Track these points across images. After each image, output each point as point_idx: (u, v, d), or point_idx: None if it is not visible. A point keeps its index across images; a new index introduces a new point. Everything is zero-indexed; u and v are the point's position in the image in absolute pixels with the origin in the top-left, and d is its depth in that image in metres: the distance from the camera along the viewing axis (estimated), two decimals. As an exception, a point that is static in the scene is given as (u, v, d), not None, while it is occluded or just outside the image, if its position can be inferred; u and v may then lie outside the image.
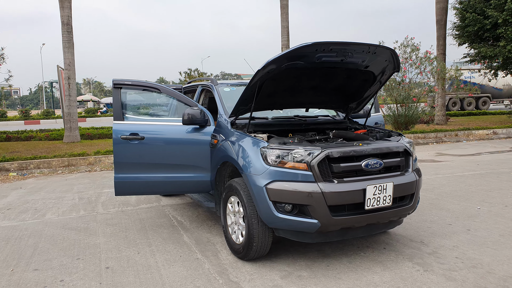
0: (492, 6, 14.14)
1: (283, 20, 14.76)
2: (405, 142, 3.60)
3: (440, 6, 16.62)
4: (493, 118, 19.01)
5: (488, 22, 14.34)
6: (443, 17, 16.66)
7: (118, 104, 4.18)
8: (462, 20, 15.49)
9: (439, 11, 16.69)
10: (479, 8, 14.63)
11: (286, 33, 14.79)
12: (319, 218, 3.08)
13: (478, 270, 3.26)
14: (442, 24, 16.64)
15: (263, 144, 3.32)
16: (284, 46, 14.85)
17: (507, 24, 13.84)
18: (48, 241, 4.31)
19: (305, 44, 3.20)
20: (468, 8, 15.11)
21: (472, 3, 14.93)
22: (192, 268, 3.50)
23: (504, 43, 14.01)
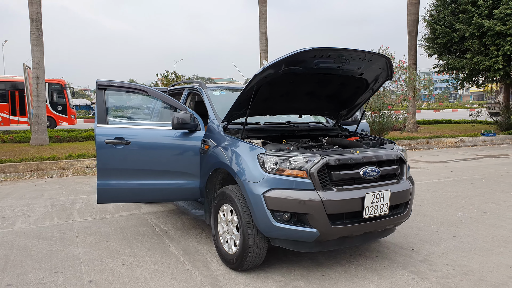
0: (460, 20, 14.72)
1: (262, 25, 14.76)
2: (399, 150, 3.60)
3: (412, 18, 17.15)
4: (458, 126, 19.73)
5: (456, 35, 14.91)
6: (414, 28, 17.20)
7: (102, 106, 3.97)
8: (432, 32, 16.04)
9: (410, 22, 17.21)
10: (448, 21, 15.20)
11: (265, 38, 14.80)
12: (318, 227, 3.01)
13: (470, 278, 3.29)
14: (414, 35, 17.18)
15: (260, 151, 3.22)
16: (262, 52, 14.85)
17: (473, 37, 14.44)
18: (21, 253, 4.02)
19: (305, 49, 3.15)
20: (438, 21, 15.67)
21: (442, 16, 15.49)
22: (183, 280, 3.34)
23: (471, 56, 14.60)
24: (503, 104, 17.66)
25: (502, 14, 13.42)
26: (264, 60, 14.94)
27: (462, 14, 14.65)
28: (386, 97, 12.86)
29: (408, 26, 17.52)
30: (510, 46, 13.49)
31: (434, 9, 16.50)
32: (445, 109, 49.30)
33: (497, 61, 13.87)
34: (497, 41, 13.82)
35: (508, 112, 17.27)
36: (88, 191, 6.99)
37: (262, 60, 14.94)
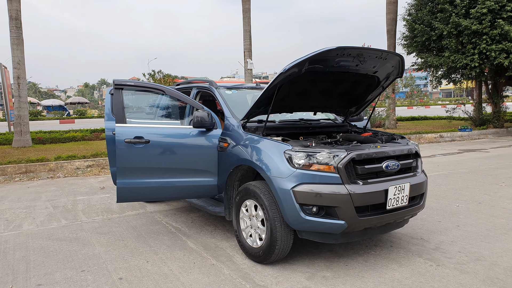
0: (438, 19, 15.24)
1: (245, 24, 14.84)
2: (414, 144, 3.80)
3: (390, 17, 17.63)
4: (435, 122, 20.45)
5: (434, 34, 15.44)
6: (393, 27, 17.68)
7: (119, 106, 3.99)
8: (411, 31, 16.54)
9: (389, 21, 17.69)
10: (427, 20, 15.71)
11: (249, 37, 14.88)
12: (346, 219, 3.16)
13: (483, 263, 3.52)
14: (392, 34, 17.66)
15: (287, 147, 3.34)
16: (246, 50, 14.92)
17: (451, 36, 14.98)
18: (39, 254, 3.99)
19: (329, 48, 3.29)
20: (416, 20, 16.16)
21: (420, 15, 15.99)
22: (212, 274, 3.42)
23: (448, 54, 15.14)
24: (476, 101, 18.43)
25: (478, 13, 13.98)
26: (248, 58, 15.03)
27: (440, 13, 15.18)
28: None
29: (387, 24, 17.99)
30: (485, 45, 14.08)
31: (412, 8, 17.00)
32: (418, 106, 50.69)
33: (473, 59, 14.45)
34: (474, 40, 14.39)
35: (480, 108, 18.05)
36: (85, 192, 6.92)
37: (247, 59, 15.04)
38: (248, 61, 14.61)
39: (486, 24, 13.94)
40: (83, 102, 45.21)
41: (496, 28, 13.89)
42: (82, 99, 46.98)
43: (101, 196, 6.54)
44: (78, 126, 22.76)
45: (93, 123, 26.66)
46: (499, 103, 17.06)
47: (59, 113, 39.99)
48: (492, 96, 17.12)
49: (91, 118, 33.36)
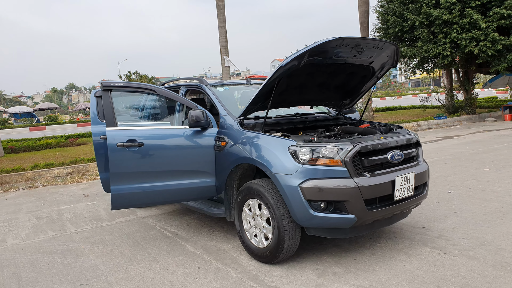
0: (410, 10, 15.52)
1: (220, 21, 14.64)
2: (413, 134, 3.78)
3: (363, 9, 17.80)
4: (410, 112, 20.88)
5: (407, 25, 15.71)
6: (365, 19, 17.86)
7: (109, 108, 3.79)
8: (384, 23, 16.77)
9: (362, 13, 17.86)
10: (399, 11, 15.96)
11: (224, 34, 14.69)
12: (356, 213, 3.10)
13: (488, 247, 3.55)
14: (365, 26, 17.84)
15: (290, 143, 3.25)
16: (222, 47, 14.74)
17: (422, 26, 15.28)
18: (30, 269, 3.76)
19: (329, 39, 3.21)
20: (388, 11, 16.40)
21: (392, 7, 16.23)
22: (220, 278, 3.30)
23: (421, 44, 15.44)
24: (448, 89, 18.91)
25: (448, 3, 14.31)
26: (225, 55, 14.86)
27: (411, 4, 15.45)
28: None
29: (359, 17, 18.17)
30: (456, 34, 14.42)
31: (384, 0, 17.23)
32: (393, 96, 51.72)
33: (445, 48, 14.78)
34: (445, 29, 14.73)
35: (452, 96, 18.53)
36: (69, 200, 6.63)
37: (223, 56, 14.86)
38: (225, 58, 14.44)
39: (456, 13, 14.27)
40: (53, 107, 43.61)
41: (465, 17, 14.24)
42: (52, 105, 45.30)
43: (86, 204, 6.27)
44: (50, 132, 22.01)
45: (66, 129, 25.88)
46: (470, 90, 17.54)
47: (28, 120, 38.54)
48: (463, 83, 17.60)
49: (63, 124, 32.29)
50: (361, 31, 17.97)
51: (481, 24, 13.96)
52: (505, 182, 5.83)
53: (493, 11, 14.04)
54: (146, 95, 4.42)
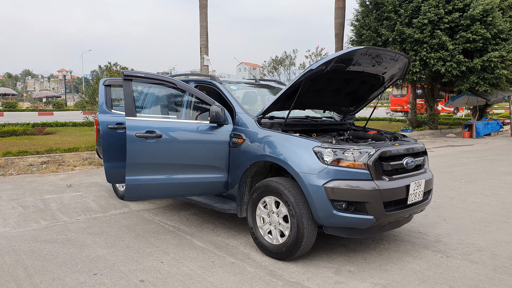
0: (384, 26, 16.19)
1: (202, 20, 14.58)
2: (421, 143, 4.02)
3: (339, 21, 18.41)
4: (376, 123, 21.70)
5: (381, 40, 16.37)
6: (341, 31, 18.47)
7: (129, 98, 3.74)
8: (359, 36, 17.36)
9: (337, 25, 18.46)
10: (373, 27, 16.61)
11: (205, 33, 14.64)
12: (375, 214, 3.26)
13: (485, 253, 3.83)
14: (340, 38, 18.45)
15: (316, 144, 3.36)
16: (203, 46, 14.67)
17: (395, 42, 15.99)
18: (34, 258, 3.62)
19: (357, 48, 3.37)
20: (364, 26, 17.02)
21: (367, 21, 16.86)
22: (238, 273, 3.35)
23: (393, 59, 16.14)
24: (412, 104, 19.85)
25: (420, 23, 15.07)
26: (205, 54, 14.81)
27: (386, 21, 16.13)
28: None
29: (335, 29, 18.76)
30: (426, 52, 15.22)
31: (359, 14, 17.86)
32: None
33: (415, 65, 15.55)
34: (415, 47, 15.49)
35: (415, 110, 19.50)
36: (52, 190, 6.38)
37: (203, 55, 14.80)
38: (204, 57, 14.39)
39: (426, 33, 15.07)
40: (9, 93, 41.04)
41: (435, 38, 15.07)
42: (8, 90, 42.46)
43: (72, 195, 6.07)
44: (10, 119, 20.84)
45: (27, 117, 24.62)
46: (434, 107, 18.54)
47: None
48: (428, 100, 18.55)
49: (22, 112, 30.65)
50: (335, 42, 18.55)
51: (449, 46, 14.82)
52: (482, 194, 6.26)
53: (459, 34, 14.94)
54: (160, 87, 4.37)
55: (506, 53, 14.66)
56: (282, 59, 14.19)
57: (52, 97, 48.05)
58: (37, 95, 47.77)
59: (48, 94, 49.13)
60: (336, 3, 18.18)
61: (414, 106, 19.64)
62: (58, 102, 42.47)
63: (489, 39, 14.77)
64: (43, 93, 48.92)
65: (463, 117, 26.42)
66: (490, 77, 15.14)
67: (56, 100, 45.72)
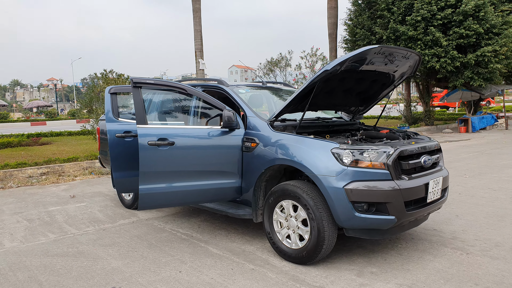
0: (378, 25, 16.26)
1: (196, 24, 14.51)
2: (436, 140, 4.00)
3: (332, 21, 18.44)
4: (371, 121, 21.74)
5: (374, 38, 16.43)
6: (334, 31, 18.51)
7: (140, 105, 3.67)
8: (352, 35, 17.42)
9: (331, 25, 18.49)
10: (367, 25, 16.67)
11: (200, 37, 14.57)
12: (396, 214, 3.22)
13: (504, 247, 3.81)
14: (334, 37, 18.48)
15: (334, 145, 3.32)
16: (198, 50, 14.59)
17: (389, 40, 16.04)
18: (47, 273, 3.53)
19: (372, 47, 3.34)
20: (357, 24, 17.07)
21: (361, 20, 16.92)
22: (259, 279, 3.29)
23: (387, 57, 16.21)
24: (407, 101, 19.94)
25: (413, 20, 15.15)
26: (200, 58, 14.74)
27: (379, 19, 16.20)
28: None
29: (328, 28, 18.78)
30: (420, 49, 15.29)
31: (352, 13, 17.92)
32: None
33: (410, 62, 15.63)
34: (410, 45, 15.56)
35: (410, 107, 19.58)
36: (55, 202, 6.27)
37: (198, 59, 14.73)
38: (200, 61, 14.32)
39: (420, 30, 15.15)
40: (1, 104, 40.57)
41: (428, 35, 15.15)
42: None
43: (76, 206, 5.96)
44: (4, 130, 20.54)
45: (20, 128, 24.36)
46: (430, 103, 18.63)
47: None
48: (423, 96, 18.65)
49: (14, 122, 30.29)
50: (329, 42, 18.57)
51: (442, 42, 14.91)
52: (488, 189, 6.26)
53: (453, 30, 15.04)
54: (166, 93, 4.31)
55: (499, 47, 14.78)
56: (277, 60, 14.15)
57: (43, 107, 47.63)
58: (28, 105, 47.31)
59: (39, 103, 48.69)
60: (328, 3, 18.22)
61: (409, 102, 19.73)
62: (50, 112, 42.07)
63: (482, 34, 14.88)
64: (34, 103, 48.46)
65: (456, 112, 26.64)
66: (484, 72, 15.26)
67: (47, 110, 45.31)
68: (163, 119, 4.43)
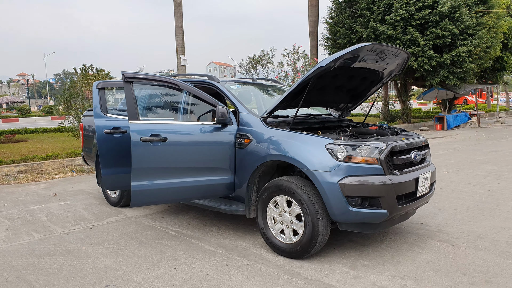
0: (358, 23, 16.51)
1: (177, 19, 14.35)
2: (423, 137, 4.11)
3: (313, 19, 18.61)
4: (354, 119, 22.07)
5: (355, 37, 16.69)
6: (315, 29, 18.69)
7: (131, 101, 3.62)
8: (333, 34, 17.62)
9: (311, 23, 18.65)
10: (348, 24, 16.90)
11: (181, 32, 14.42)
12: (388, 208, 3.30)
13: (486, 239, 3.96)
14: (315, 36, 18.66)
15: (328, 141, 3.37)
16: (179, 46, 14.45)
17: (369, 39, 16.32)
18: (36, 272, 3.45)
19: (365, 44, 3.40)
20: (338, 23, 17.28)
21: (342, 19, 17.14)
22: (255, 274, 3.31)
23: (367, 55, 16.49)
24: (384, 99, 20.34)
25: (392, 20, 15.47)
26: (181, 54, 14.60)
27: (360, 18, 16.46)
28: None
29: (309, 26, 18.95)
30: (398, 49, 15.63)
31: (333, 12, 18.12)
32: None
33: (388, 61, 15.95)
34: (389, 43, 15.87)
35: (388, 105, 19.99)
36: (36, 200, 6.10)
37: (179, 55, 14.59)
38: (181, 57, 14.19)
39: (399, 30, 15.48)
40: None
41: (407, 34, 15.50)
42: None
43: (60, 204, 5.83)
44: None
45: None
46: (407, 101, 19.07)
47: None
48: (401, 94, 19.07)
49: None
50: (310, 40, 18.74)
51: (420, 42, 15.27)
52: (467, 183, 6.48)
53: (430, 30, 15.44)
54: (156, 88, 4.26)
55: (473, 47, 15.26)
56: (259, 57, 14.17)
57: (14, 103, 46.13)
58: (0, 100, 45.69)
59: (10, 99, 47.11)
60: (309, 1, 18.37)
61: (387, 100, 20.13)
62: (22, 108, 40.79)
63: (457, 34, 15.34)
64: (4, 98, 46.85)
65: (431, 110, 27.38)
66: (459, 71, 15.74)
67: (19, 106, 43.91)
68: (154, 114, 4.38)
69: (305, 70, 14.76)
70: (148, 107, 4.40)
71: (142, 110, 4.26)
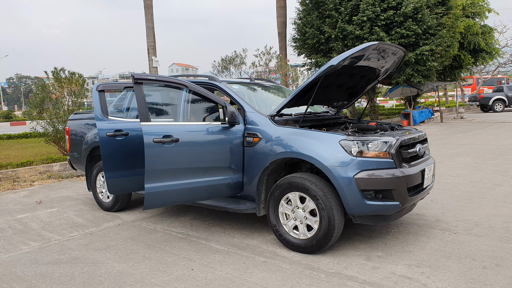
0: (327, 24, 16.87)
1: (148, 20, 14.08)
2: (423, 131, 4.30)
3: (281, 20, 18.82)
4: (319, 118, 22.55)
5: (323, 37, 17.04)
6: (283, 30, 18.90)
7: (142, 102, 3.56)
8: (301, 34, 17.89)
9: (280, 24, 18.86)
10: (316, 24, 17.23)
11: (152, 34, 14.15)
12: (400, 200, 3.44)
13: (483, 226, 4.20)
14: (283, 36, 18.88)
15: (341, 137, 3.47)
16: (150, 48, 14.17)
17: (337, 39, 16.74)
18: (48, 282, 3.32)
19: (373, 43, 3.53)
20: (307, 24, 17.58)
21: (310, 19, 17.45)
22: (275, 270, 3.35)
23: (336, 55, 16.87)
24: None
25: (359, 20, 15.94)
26: (153, 56, 14.35)
27: (328, 19, 16.82)
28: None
29: (278, 27, 19.14)
30: (366, 48, 16.14)
31: (301, 13, 18.41)
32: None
33: (357, 60, 16.42)
34: (357, 43, 16.33)
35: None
36: (20, 209, 5.83)
37: (151, 56, 14.34)
38: (153, 59, 13.95)
39: (366, 30, 15.97)
40: None
41: (373, 34, 16.01)
42: None
43: (48, 212, 5.60)
44: None
45: None
46: (374, 99, 19.70)
47: None
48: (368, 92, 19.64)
49: None
50: (279, 40, 18.94)
51: (386, 41, 15.83)
52: (448, 175, 6.82)
53: (395, 30, 16.04)
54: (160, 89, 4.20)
55: (435, 46, 16.01)
56: (232, 58, 14.18)
57: (-35, 109, 43.44)
58: None
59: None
60: (277, 2, 18.56)
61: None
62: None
63: (420, 34, 16.02)
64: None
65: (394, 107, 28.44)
66: (422, 69, 16.44)
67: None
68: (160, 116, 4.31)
69: (276, 71, 14.96)
70: (155, 108, 4.32)
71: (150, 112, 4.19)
